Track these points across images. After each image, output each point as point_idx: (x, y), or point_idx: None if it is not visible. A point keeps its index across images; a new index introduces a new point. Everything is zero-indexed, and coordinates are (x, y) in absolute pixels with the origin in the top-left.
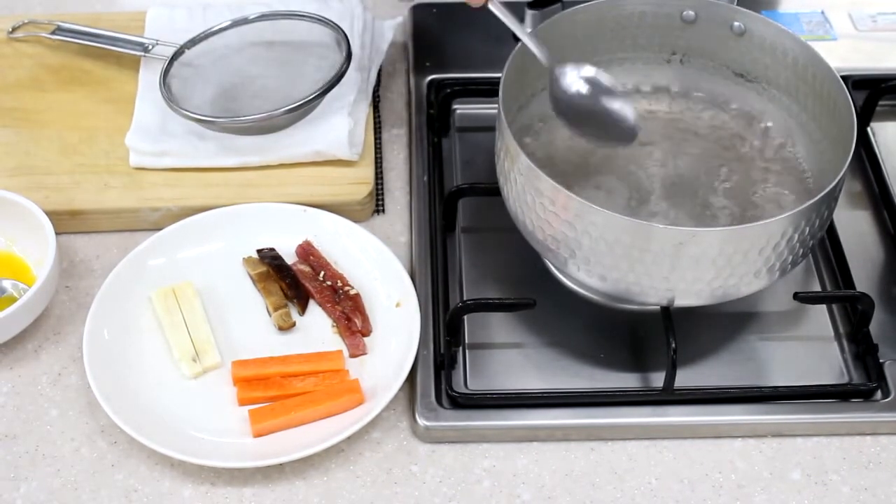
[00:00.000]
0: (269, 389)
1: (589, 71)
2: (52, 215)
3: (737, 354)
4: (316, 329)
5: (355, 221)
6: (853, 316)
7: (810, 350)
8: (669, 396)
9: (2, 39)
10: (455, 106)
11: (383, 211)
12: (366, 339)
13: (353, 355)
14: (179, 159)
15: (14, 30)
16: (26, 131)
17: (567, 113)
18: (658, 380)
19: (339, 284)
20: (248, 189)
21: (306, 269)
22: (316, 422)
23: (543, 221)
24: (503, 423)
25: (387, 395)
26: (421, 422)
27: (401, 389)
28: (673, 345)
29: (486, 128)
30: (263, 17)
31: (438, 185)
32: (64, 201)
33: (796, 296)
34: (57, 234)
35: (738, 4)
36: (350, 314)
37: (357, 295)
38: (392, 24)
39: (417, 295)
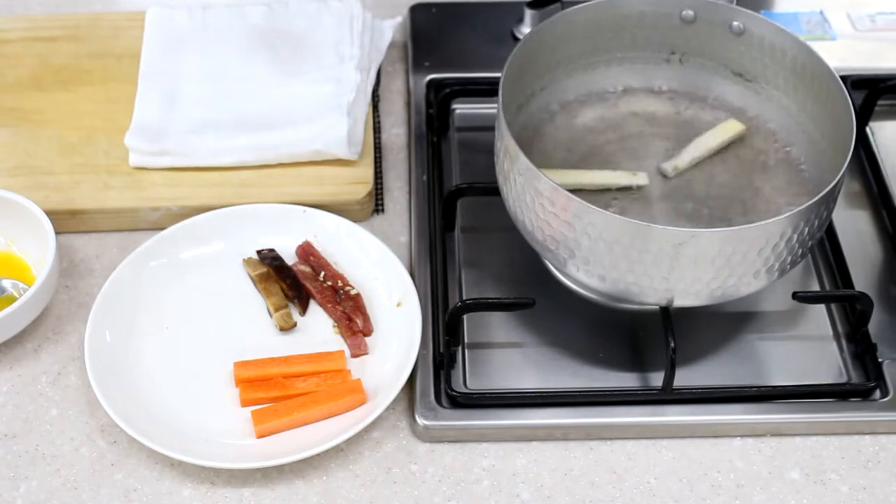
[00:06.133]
0: (271, 390)
1: None
2: (52, 215)
3: (736, 354)
4: (317, 329)
5: (355, 221)
6: (852, 315)
7: (809, 349)
8: (668, 396)
9: (2, 39)
10: (454, 106)
11: (383, 211)
12: (367, 338)
13: (354, 355)
14: (178, 158)
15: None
16: (26, 131)
17: None
18: (657, 379)
19: (340, 284)
20: (248, 189)
21: (307, 269)
22: (318, 422)
23: (543, 222)
24: (502, 422)
25: (389, 395)
26: (420, 421)
27: (401, 389)
28: (672, 344)
29: (486, 128)
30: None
31: (438, 184)
32: (64, 201)
33: (795, 295)
34: (57, 233)
35: (737, 4)
36: (351, 314)
37: (358, 295)
38: (391, 24)
39: (417, 294)
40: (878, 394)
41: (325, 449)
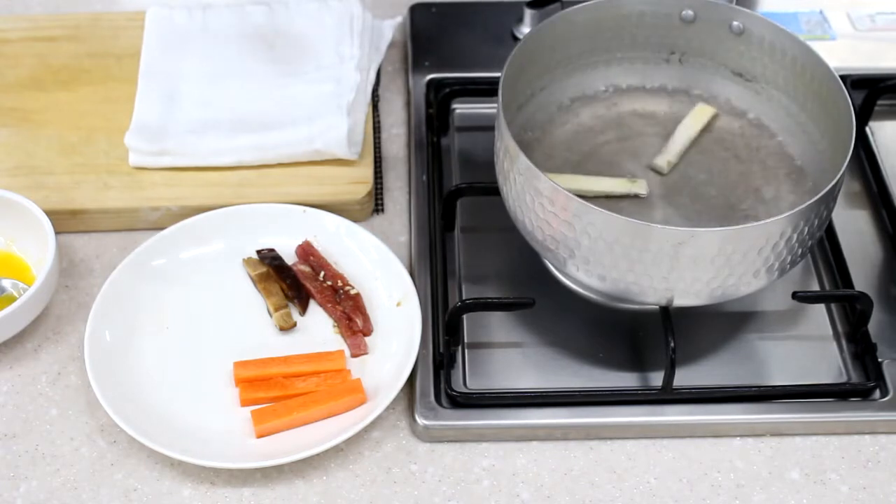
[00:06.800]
0: (271, 390)
1: None
2: (52, 215)
3: (736, 354)
4: (317, 329)
5: (355, 221)
6: (852, 315)
7: (809, 349)
8: (668, 396)
9: (2, 39)
10: (454, 105)
11: (382, 210)
12: (367, 338)
13: (354, 355)
14: (178, 158)
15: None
16: (26, 131)
17: None
18: (657, 379)
19: (340, 284)
20: (248, 189)
21: (306, 269)
22: (318, 422)
23: (542, 221)
24: (502, 422)
25: (388, 395)
26: (420, 421)
27: (401, 389)
28: (672, 344)
29: (486, 127)
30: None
31: (438, 184)
32: (64, 201)
33: (795, 295)
34: (57, 233)
35: (737, 4)
36: (351, 314)
37: (358, 295)
38: (391, 24)
39: (417, 294)
40: (877, 394)
41: (325, 449)
